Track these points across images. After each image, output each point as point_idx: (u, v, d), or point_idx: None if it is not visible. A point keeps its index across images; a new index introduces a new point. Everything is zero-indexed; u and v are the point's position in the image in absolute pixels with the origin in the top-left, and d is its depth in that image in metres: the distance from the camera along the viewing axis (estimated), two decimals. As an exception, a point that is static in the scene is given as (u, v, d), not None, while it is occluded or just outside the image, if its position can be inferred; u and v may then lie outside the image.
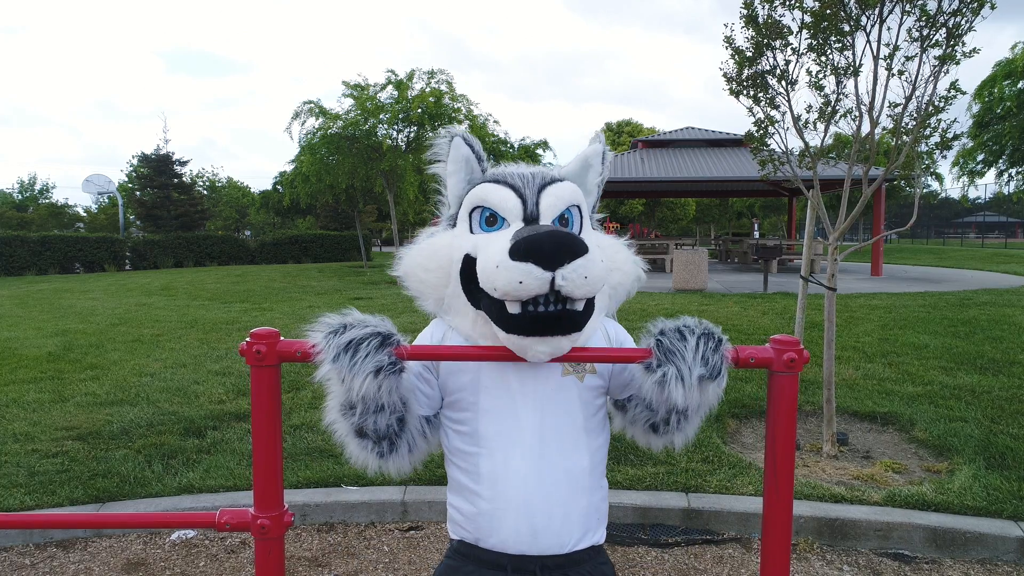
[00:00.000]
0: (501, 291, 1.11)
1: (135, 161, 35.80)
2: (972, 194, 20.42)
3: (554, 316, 1.11)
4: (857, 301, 10.75)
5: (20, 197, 49.78)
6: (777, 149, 4.26)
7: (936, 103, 3.99)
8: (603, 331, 1.39)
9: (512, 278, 1.08)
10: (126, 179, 41.17)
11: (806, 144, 4.10)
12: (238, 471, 3.92)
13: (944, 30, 3.79)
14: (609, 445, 1.44)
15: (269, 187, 39.00)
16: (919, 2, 3.62)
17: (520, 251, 1.08)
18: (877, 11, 3.69)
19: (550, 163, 27.37)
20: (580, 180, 1.38)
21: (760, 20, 3.79)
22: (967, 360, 6.20)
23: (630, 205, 34.51)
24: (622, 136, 34.24)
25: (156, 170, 28.04)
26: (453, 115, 14.89)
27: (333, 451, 4.23)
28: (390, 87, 14.67)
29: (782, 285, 14.06)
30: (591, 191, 1.40)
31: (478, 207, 1.27)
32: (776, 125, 4.18)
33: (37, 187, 51.24)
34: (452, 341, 1.37)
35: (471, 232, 1.27)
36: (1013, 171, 13.70)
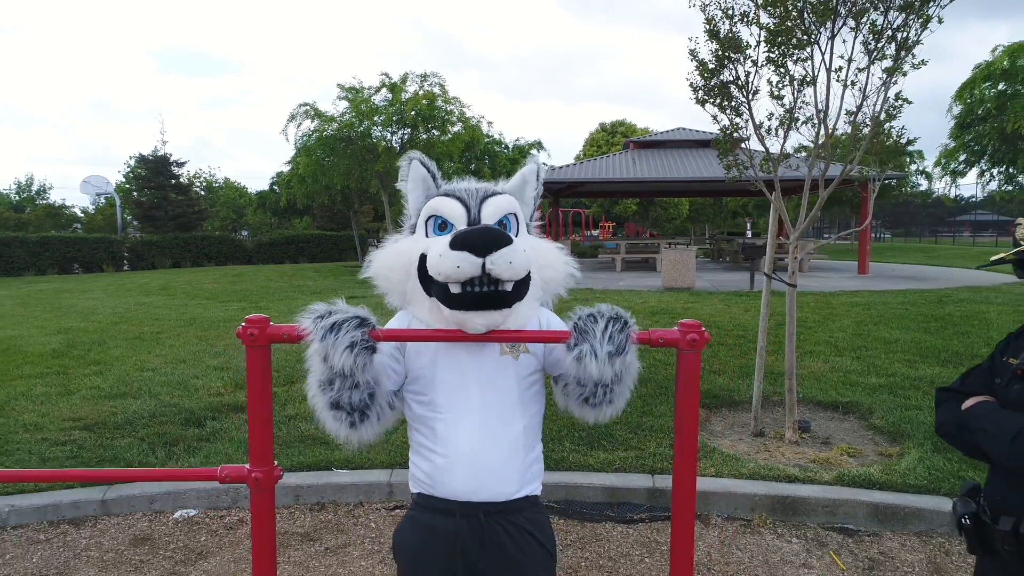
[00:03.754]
0: (444, 275, 1.39)
1: (132, 162, 36.01)
2: (967, 193, 20.70)
3: (487, 295, 1.39)
4: (839, 299, 11.02)
5: (17, 198, 49.88)
6: (742, 154, 4.54)
7: (889, 111, 4.29)
8: (537, 318, 1.66)
9: (451, 264, 1.37)
10: (123, 180, 41.31)
11: (767, 150, 4.39)
12: (236, 457, 4.19)
13: (893, 44, 4.08)
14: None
15: (265, 187, 39.24)
16: (865, 20, 3.90)
17: (457, 243, 1.37)
18: (829, 26, 3.98)
19: (544, 163, 27.42)
20: (519, 194, 1.66)
21: (721, 35, 4.07)
22: (932, 354, 6.49)
23: (624, 205, 34.79)
24: (615, 136, 34.52)
25: (154, 171, 28.25)
26: (446, 117, 15.16)
27: (325, 438, 4.50)
28: (384, 90, 14.94)
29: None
30: (528, 202, 1.68)
31: (432, 216, 1.56)
32: (740, 132, 4.46)
33: (34, 188, 51.37)
34: (415, 326, 1.65)
35: (426, 236, 1.55)
36: (995, 171, 13.99)
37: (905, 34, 4.04)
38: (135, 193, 31.71)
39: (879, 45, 3.90)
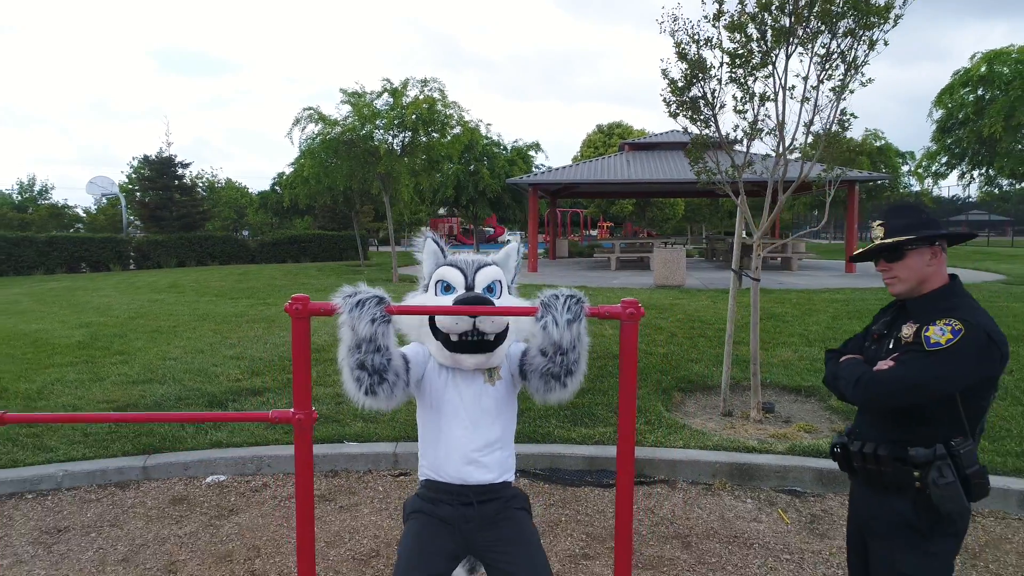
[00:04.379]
0: (446, 328, 1.94)
1: (135, 163, 36.50)
2: (962, 193, 21.13)
3: (476, 343, 1.94)
4: (822, 295, 11.52)
5: (19, 198, 50.34)
6: (710, 161, 5.05)
7: (841, 123, 4.81)
8: (509, 351, 2.16)
9: (452, 321, 1.91)
10: (126, 180, 41.80)
11: (732, 159, 4.90)
12: (257, 432, 4.71)
13: (843, 65, 4.60)
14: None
15: (265, 187, 39.79)
16: (818, 43, 4.41)
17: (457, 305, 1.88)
18: (783, 50, 4.49)
19: (541, 164, 27.80)
20: (504, 264, 2.19)
21: (689, 57, 4.58)
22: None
23: (620, 205, 35.32)
24: (612, 138, 35.05)
25: (159, 172, 28.76)
26: (445, 121, 15.68)
27: (337, 417, 5.02)
28: (386, 95, 15.46)
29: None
30: (511, 269, 2.22)
31: (439, 280, 2.08)
32: (709, 141, 4.97)
33: (36, 188, 51.83)
34: (424, 354, 2.15)
35: (435, 295, 2.08)
36: (975, 173, 14.50)
37: (852, 56, 4.56)
38: (138, 194, 32.22)
39: (827, 67, 4.40)
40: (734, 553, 3.40)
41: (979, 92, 13.12)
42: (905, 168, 24.84)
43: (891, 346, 2.02)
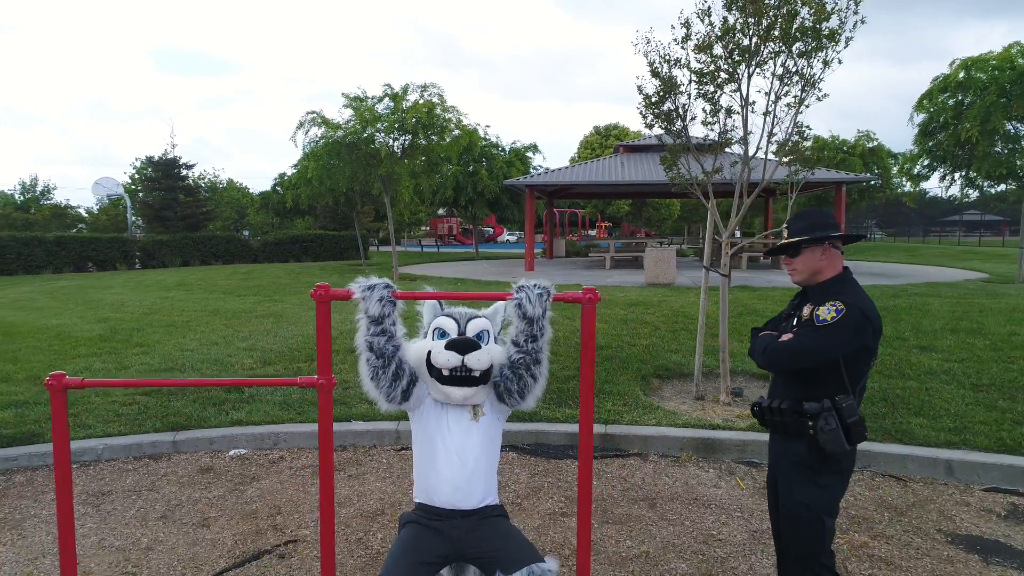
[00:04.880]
0: (439, 364, 2.40)
1: (138, 163, 36.96)
2: (944, 194, 21.62)
3: (464, 378, 2.40)
4: (804, 293, 12.02)
5: (21, 198, 50.83)
6: (683, 167, 5.56)
7: (801, 133, 5.32)
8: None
9: (445, 359, 2.38)
10: (129, 181, 42.32)
11: (701, 166, 5.41)
12: (273, 412, 5.22)
13: (801, 82, 5.11)
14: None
15: (267, 188, 40.29)
16: (774, 65, 4.92)
17: (449, 346, 2.40)
18: (747, 69, 5.00)
19: (539, 165, 28.28)
20: (493, 317, 2.66)
21: (661, 75, 5.10)
22: (862, 337, 7.51)
23: (617, 205, 35.85)
24: (609, 139, 35.61)
25: (164, 173, 29.28)
26: (444, 124, 16.20)
27: (344, 399, 5.53)
28: (387, 99, 15.99)
29: (747, 279, 15.31)
30: (498, 323, 2.67)
31: (436, 328, 2.57)
32: (683, 147, 5.48)
33: (39, 188, 52.31)
34: (424, 386, 2.60)
35: (432, 340, 2.56)
36: (957, 175, 15.00)
37: (809, 73, 5.07)
38: (140, 194, 32.74)
39: (784, 84, 4.92)
40: (693, 512, 3.91)
41: (958, 97, 13.62)
42: (896, 169, 25.39)
43: (795, 324, 2.53)
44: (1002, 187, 16.74)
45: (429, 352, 2.45)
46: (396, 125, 15.84)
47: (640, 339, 7.61)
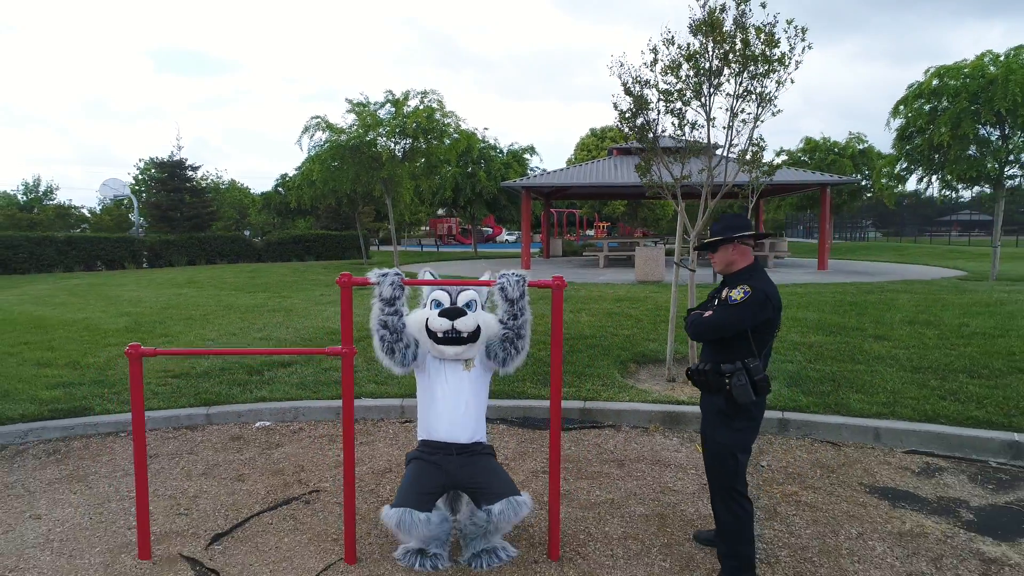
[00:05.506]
0: (434, 329, 3.14)
1: (142, 164, 37.61)
2: (936, 195, 22.16)
3: (454, 338, 3.14)
4: (786, 289, 12.69)
5: (24, 199, 51.44)
6: (655, 174, 6.25)
7: (760, 145, 6.01)
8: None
9: (438, 324, 3.12)
10: (133, 182, 42.96)
11: (671, 173, 6.10)
12: (293, 391, 5.90)
13: (757, 100, 5.80)
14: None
15: (268, 188, 41.03)
16: (733, 84, 5.61)
17: (442, 314, 3.12)
18: (708, 88, 5.69)
19: (536, 166, 28.93)
20: (480, 293, 3.36)
21: (634, 94, 5.79)
22: (824, 328, 8.20)
23: (612, 205, 36.56)
24: (604, 140, 36.33)
25: (170, 174, 29.98)
26: (443, 128, 16.90)
27: (355, 381, 6.21)
28: (388, 104, 16.70)
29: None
30: (484, 294, 3.39)
31: (432, 299, 3.28)
32: (656, 152, 6.18)
33: (41, 188, 52.92)
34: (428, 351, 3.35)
35: (430, 309, 3.26)
36: (934, 177, 15.69)
37: (765, 92, 5.76)
38: (144, 194, 33.43)
39: (740, 102, 5.61)
40: (655, 470, 4.60)
41: (933, 103, 14.32)
42: (871, 172, 26.04)
43: (715, 304, 3.22)
44: (976, 189, 17.39)
45: (427, 320, 3.17)
46: (397, 129, 16.54)
47: (623, 330, 8.29)
